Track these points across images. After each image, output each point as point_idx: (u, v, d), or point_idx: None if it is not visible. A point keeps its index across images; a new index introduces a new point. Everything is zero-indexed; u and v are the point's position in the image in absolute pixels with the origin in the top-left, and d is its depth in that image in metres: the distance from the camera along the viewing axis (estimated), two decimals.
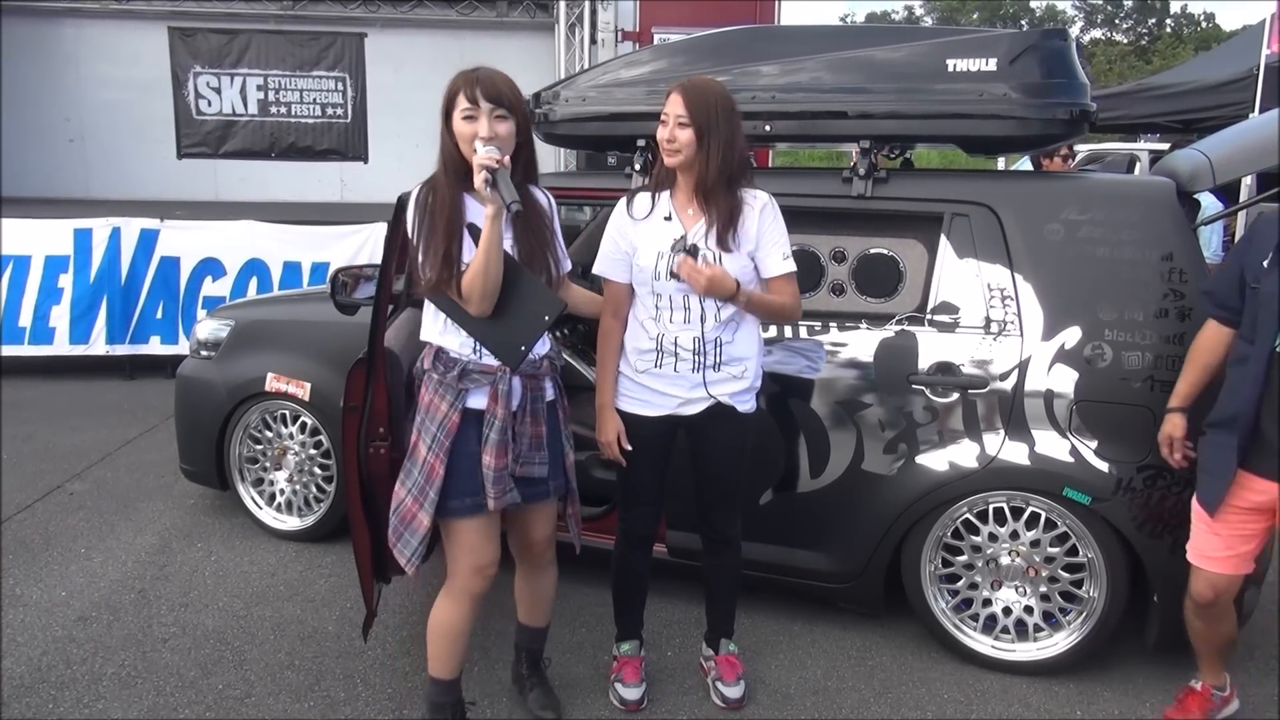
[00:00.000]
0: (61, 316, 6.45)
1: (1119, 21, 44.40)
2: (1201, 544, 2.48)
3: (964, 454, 2.88)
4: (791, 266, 2.52)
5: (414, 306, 3.13)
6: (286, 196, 9.63)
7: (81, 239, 6.43)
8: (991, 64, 2.89)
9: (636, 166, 3.27)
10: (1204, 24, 41.34)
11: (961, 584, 2.99)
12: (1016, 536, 2.90)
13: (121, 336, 6.51)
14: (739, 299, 2.44)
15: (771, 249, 2.50)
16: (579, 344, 4.10)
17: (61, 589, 3.41)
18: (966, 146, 3.38)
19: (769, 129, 3.13)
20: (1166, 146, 9.07)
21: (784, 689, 2.88)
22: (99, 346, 6.50)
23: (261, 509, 3.93)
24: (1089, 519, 2.79)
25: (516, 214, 2.22)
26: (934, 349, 2.91)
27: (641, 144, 3.23)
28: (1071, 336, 2.80)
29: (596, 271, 2.60)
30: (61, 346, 6.47)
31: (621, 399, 2.59)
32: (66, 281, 6.44)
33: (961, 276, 2.94)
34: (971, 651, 2.99)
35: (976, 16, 41.13)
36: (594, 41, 9.20)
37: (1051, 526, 2.86)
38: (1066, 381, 2.80)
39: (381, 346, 2.56)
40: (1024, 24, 39.26)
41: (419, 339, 2.39)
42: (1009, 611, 2.96)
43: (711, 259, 2.44)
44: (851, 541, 3.01)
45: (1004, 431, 2.85)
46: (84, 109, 9.69)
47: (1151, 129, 10.12)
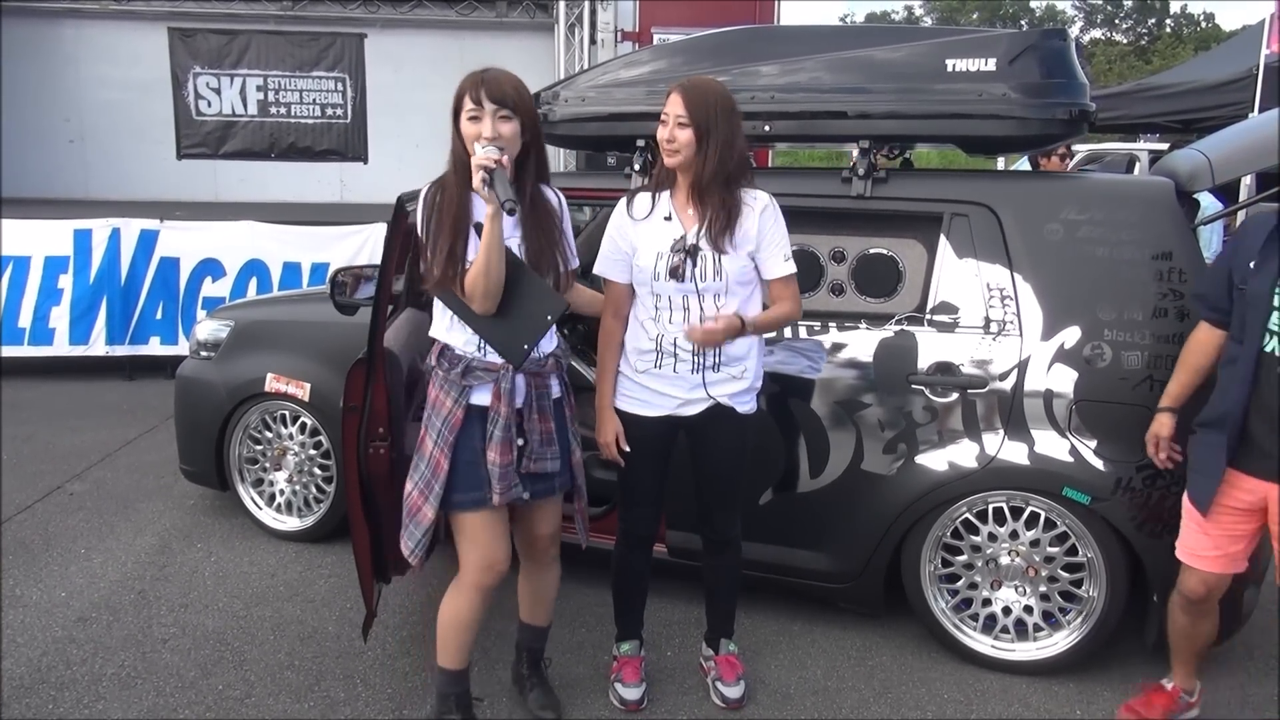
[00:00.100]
0: (61, 317, 6.45)
1: (1119, 21, 44.43)
2: (1192, 543, 2.49)
3: (963, 454, 2.88)
4: (792, 268, 2.53)
5: (414, 307, 3.14)
6: (286, 197, 9.61)
7: (81, 239, 6.43)
8: (991, 64, 2.89)
9: (636, 167, 3.27)
10: (1204, 24, 41.38)
11: (961, 584, 2.99)
12: (1016, 536, 2.90)
13: (121, 337, 6.51)
14: (748, 330, 2.48)
15: (773, 250, 2.50)
16: (579, 344, 4.10)
17: (61, 589, 3.41)
18: (966, 146, 3.38)
19: (768, 129, 3.13)
20: (1166, 146, 9.08)
21: (784, 689, 2.88)
22: (99, 347, 6.50)
23: (261, 509, 3.94)
24: (1088, 519, 2.79)
25: (527, 213, 2.27)
26: (933, 349, 2.91)
27: (641, 144, 3.23)
28: (1071, 336, 2.80)
29: (597, 272, 2.61)
30: (61, 347, 6.47)
31: (621, 399, 2.59)
32: (66, 282, 6.44)
33: (961, 276, 2.94)
34: (971, 651, 2.99)
35: (976, 16, 41.16)
36: (593, 42, 9.20)
37: (1051, 526, 2.86)
38: (1066, 381, 2.80)
39: (381, 347, 2.56)
40: (1024, 24, 39.27)
41: (418, 339, 2.40)
42: (1009, 611, 2.96)
43: (711, 260, 2.45)
44: (851, 541, 3.01)
45: (1003, 431, 2.85)
46: (84, 109, 9.68)
47: (1151, 129, 10.13)
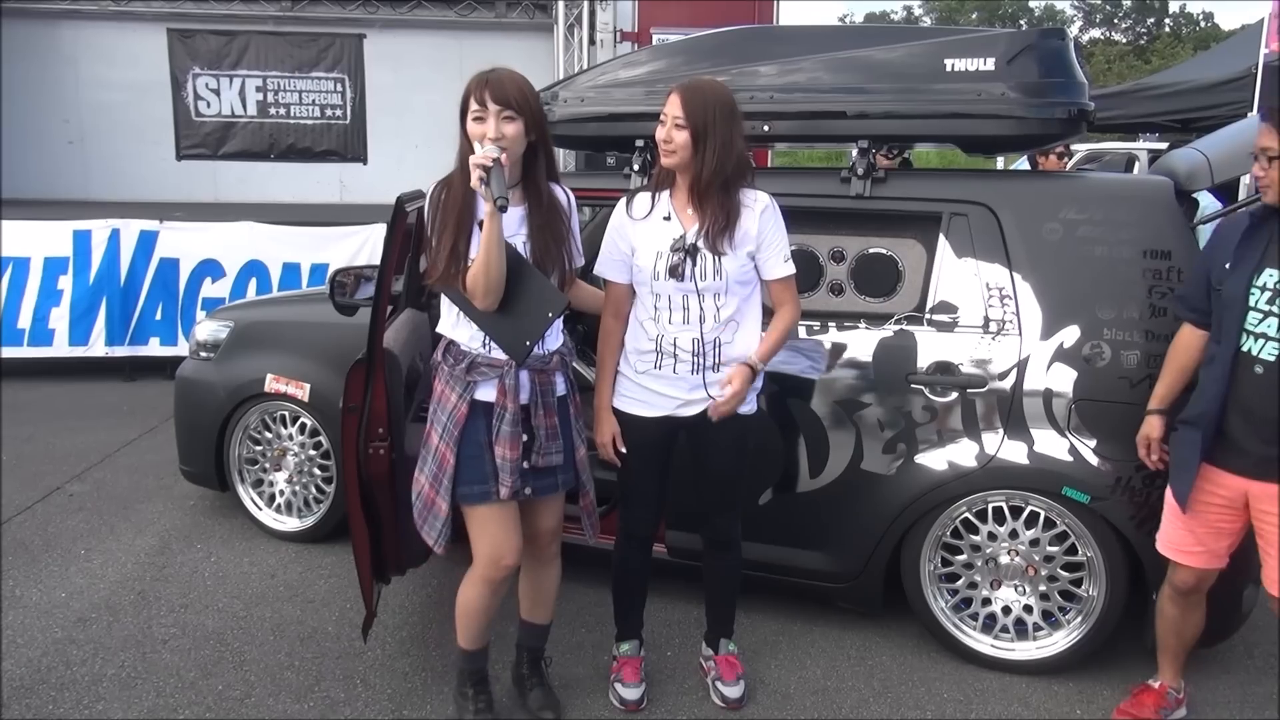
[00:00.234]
0: (61, 318, 6.45)
1: (1118, 21, 44.44)
2: (1175, 538, 2.51)
3: (963, 453, 2.88)
4: (792, 269, 2.54)
5: (413, 307, 3.14)
6: (286, 198, 9.61)
7: (81, 240, 6.43)
8: (990, 64, 2.89)
9: (635, 167, 3.28)
10: (1202, 24, 41.38)
11: (961, 583, 2.99)
12: (1015, 536, 2.90)
13: (121, 338, 6.51)
14: (761, 369, 2.52)
15: (772, 252, 2.51)
16: (578, 344, 4.10)
17: (61, 590, 3.41)
18: (965, 146, 3.38)
19: (767, 129, 3.14)
20: (1165, 146, 9.07)
21: (784, 689, 2.88)
22: (98, 348, 6.50)
23: (261, 510, 3.94)
24: (1088, 518, 2.79)
25: (536, 210, 2.34)
26: (933, 348, 2.92)
27: (640, 144, 3.24)
28: (1070, 335, 2.80)
29: (597, 272, 2.61)
30: (61, 348, 6.46)
31: (621, 399, 2.60)
32: (66, 283, 6.44)
33: (960, 276, 2.94)
34: (971, 651, 3.00)
35: (975, 16, 41.17)
36: (593, 42, 9.19)
37: (1050, 525, 2.86)
38: (1065, 380, 2.80)
39: (380, 347, 2.56)
40: (1022, 24, 39.27)
41: (417, 339, 2.40)
42: (1008, 611, 2.96)
43: (710, 260, 2.45)
44: (851, 541, 3.01)
45: (1003, 431, 2.85)
46: (83, 111, 9.66)
47: (1150, 128, 10.11)
